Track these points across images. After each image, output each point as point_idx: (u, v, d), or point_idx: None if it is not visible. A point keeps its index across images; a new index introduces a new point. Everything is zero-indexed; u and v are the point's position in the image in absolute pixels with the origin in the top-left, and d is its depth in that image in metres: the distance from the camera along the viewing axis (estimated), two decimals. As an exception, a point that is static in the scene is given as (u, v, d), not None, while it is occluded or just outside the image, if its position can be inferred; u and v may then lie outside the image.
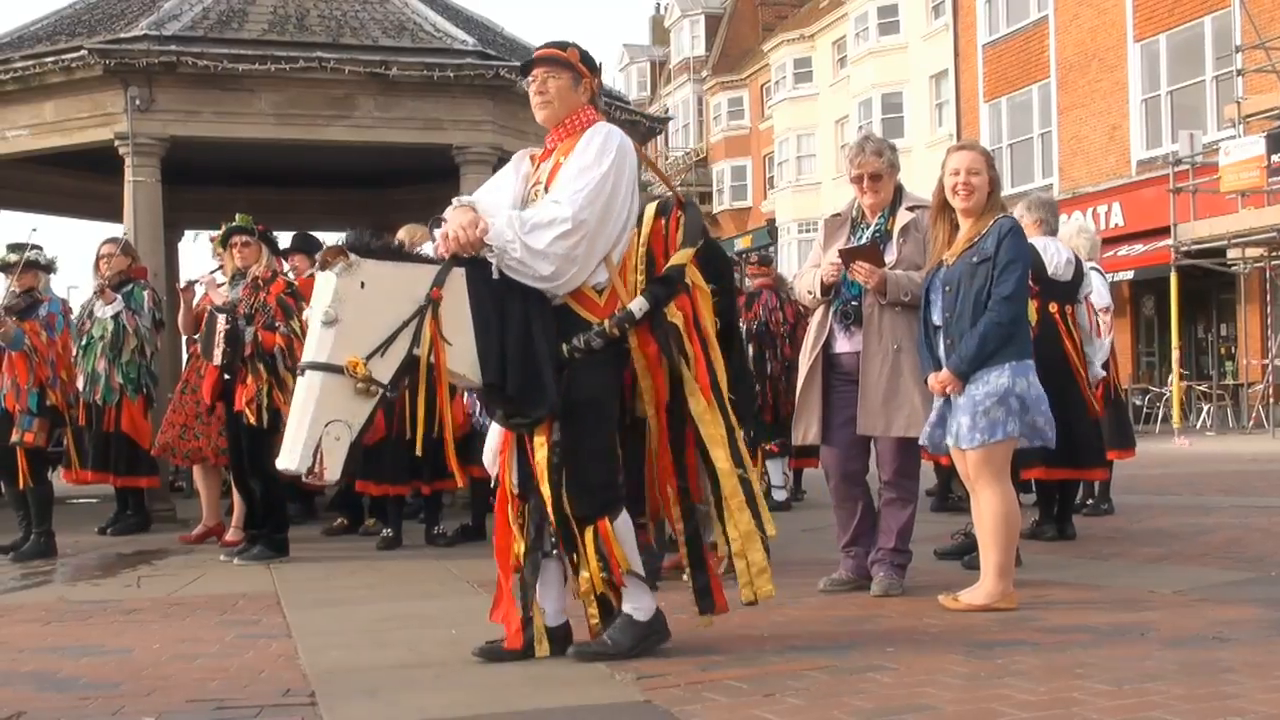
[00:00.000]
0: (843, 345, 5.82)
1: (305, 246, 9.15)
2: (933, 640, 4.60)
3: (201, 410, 8.20)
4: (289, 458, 3.91)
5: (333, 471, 3.94)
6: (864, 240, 5.84)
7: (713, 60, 48.06)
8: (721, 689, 3.86)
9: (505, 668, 4.16)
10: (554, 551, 4.36)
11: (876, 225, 5.87)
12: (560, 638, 4.38)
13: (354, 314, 3.99)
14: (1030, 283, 5.76)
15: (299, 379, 4.05)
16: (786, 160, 41.86)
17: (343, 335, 3.97)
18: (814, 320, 5.99)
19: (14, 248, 8.19)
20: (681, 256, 4.35)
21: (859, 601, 5.52)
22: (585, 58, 4.47)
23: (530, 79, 4.46)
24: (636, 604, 4.37)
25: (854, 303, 5.74)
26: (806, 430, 5.92)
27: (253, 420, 7.28)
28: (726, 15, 48.78)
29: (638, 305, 4.26)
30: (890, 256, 5.72)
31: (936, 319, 5.38)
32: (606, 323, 4.23)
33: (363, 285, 4.01)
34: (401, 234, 7.72)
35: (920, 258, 5.70)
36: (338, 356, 3.96)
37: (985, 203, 5.35)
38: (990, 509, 5.23)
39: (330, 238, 13.76)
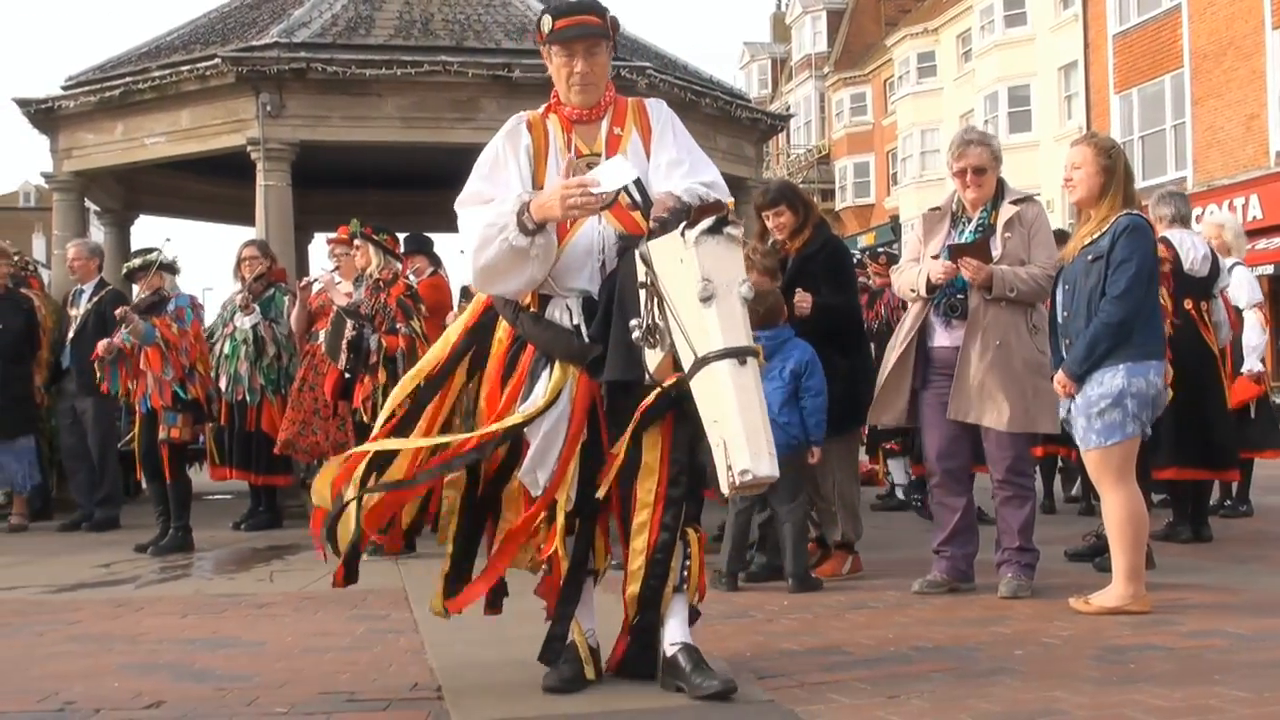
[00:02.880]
0: (941, 339, 5.75)
1: (421, 247, 9.28)
2: (1062, 643, 4.50)
3: (319, 406, 8.39)
4: (766, 463, 3.30)
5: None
6: (966, 235, 5.75)
7: (835, 56, 47.66)
8: (844, 689, 3.82)
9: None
10: (596, 571, 4.02)
11: (979, 220, 5.78)
12: (598, 659, 3.99)
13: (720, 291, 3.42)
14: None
15: (727, 369, 3.33)
16: (910, 156, 41.34)
17: (725, 313, 3.40)
18: (910, 311, 5.93)
19: (140, 253, 8.46)
20: None
21: (986, 602, 5.43)
22: (614, 20, 4.04)
23: (566, 52, 3.93)
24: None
25: (960, 297, 5.66)
26: (884, 413, 5.88)
27: (367, 418, 7.39)
28: (848, 11, 48.35)
29: None
30: (995, 251, 5.64)
31: (1058, 317, 5.29)
32: None
33: (681, 261, 3.45)
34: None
35: (1025, 252, 5.62)
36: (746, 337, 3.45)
37: (1097, 197, 5.24)
38: (1115, 511, 5.12)
39: (455, 239, 14.01)
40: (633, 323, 3.53)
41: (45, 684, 4.15)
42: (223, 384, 8.88)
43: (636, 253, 3.58)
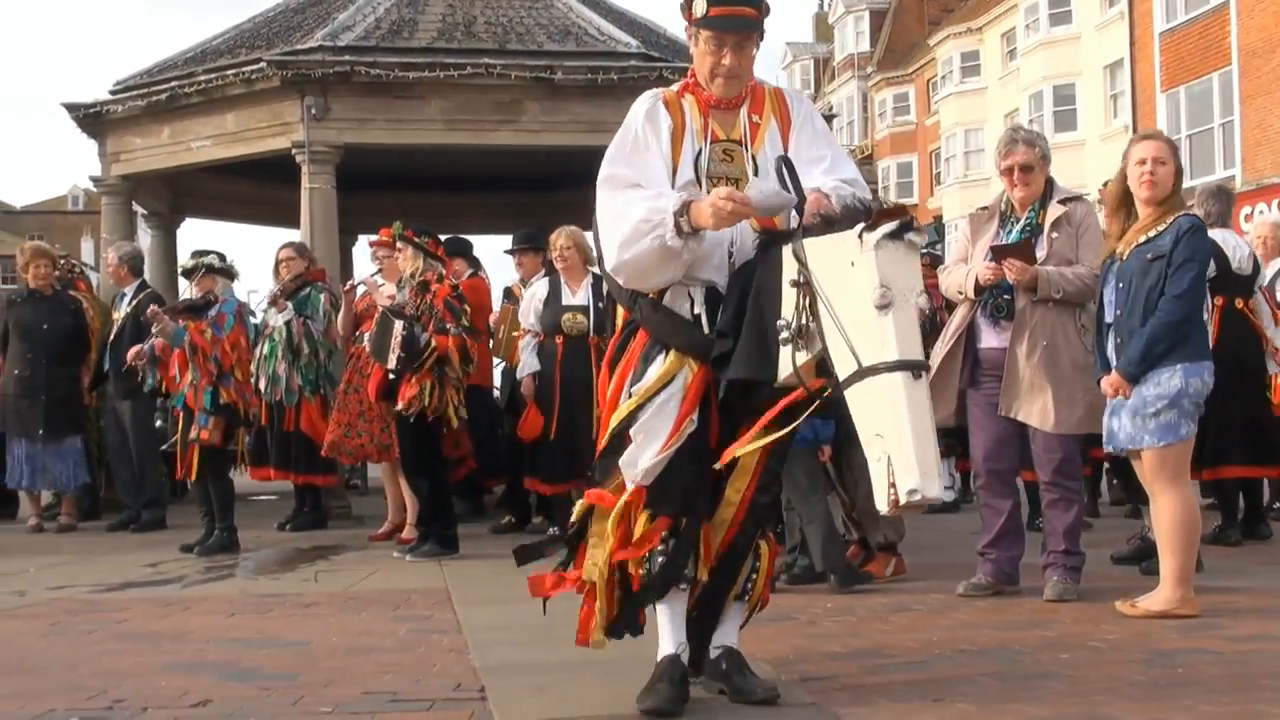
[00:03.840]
0: (989, 340, 5.71)
1: (460, 250, 9.32)
2: (1110, 647, 4.46)
3: (364, 408, 8.43)
4: (935, 484, 3.14)
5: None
6: (1014, 235, 5.71)
7: (877, 56, 47.49)
8: (888, 692, 3.80)
9: None
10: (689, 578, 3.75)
11: (1027, 219, 5.73)
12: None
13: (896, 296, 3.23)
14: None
15: (902, 382, 3.18)
16: (954, 156, 41.12)
17: (901, 323, 3.23)
18: (958, 312, 5.89)
19: (196, 254, 8.54)
20: None
21: (1031, 606, 5.39)
22: (767, 6, 3.77)
23: (716, 42, 3.65)
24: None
25: (1006, 297, 5.62)
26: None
27: (417, 414, 7.41)
28: (891, 10, 48.16)
29: None
30: (1041, 252, 5.59)
31: (1108, 315, 5.23)
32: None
33: (853, 264, 3.26)
34: None
35: (1072, 252, 5.57)
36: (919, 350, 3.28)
37: (1169, 194, 5.19)
38: (1168, 513, 5.07)
39: (497, 241, 14.06)
40: (780, 321, 3.37)
41: (94, 682, 4.20)
42: (262, 384, 8.94)
43: (788, 249, 3.41)
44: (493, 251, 20.70)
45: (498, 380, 9.88)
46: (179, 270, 9.18)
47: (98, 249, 19.63)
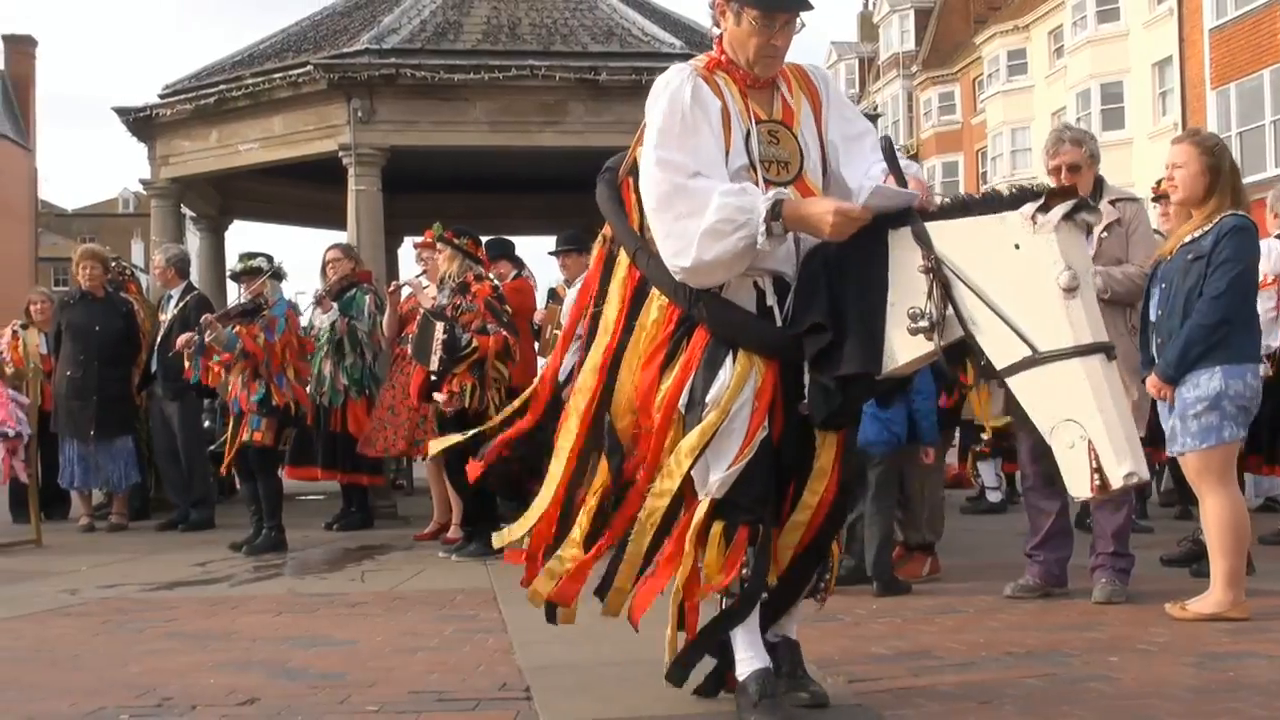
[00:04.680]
0: None
1: (503, 252, 9.35)
2: (1159, 650, 4.42)
3: (394, 403, 8.49)
4: (1144, 464, 3.04)
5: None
6: None
7: (923, 55, 47.23)
8: (935, 695, 3.78)
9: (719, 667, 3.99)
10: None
11: None
12: None
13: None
14: None
15: (1099, 365, 3.04)
16: (1000, 155, 40.82)
17: (1089, 304, 3.11)
18: None
19: (245, 257, 8.62)
20: None
21: (1080, 608, 5.35)
22: None
23: (766, 21, 3.43)
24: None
25: None
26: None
27: (458, 413, 7.45)
28: (936, 9, 47.89)
29: None
30: (1089, 251, 5.53)
31: (1152, 316, 5.19)
32: None
33: (1018, 247, 3.14)
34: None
35: (1122, 252, 5.52)
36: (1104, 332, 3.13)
37: (1202, 197, 5.13)
38: (1215, 515, 5.01)
39: (542, 242, 14.07)
40: (911, 309, 3.19)
41: (144, 679, 4.24)
42: (308, 385, 9.00)
43: (902, 234, 3.24)
44: (536, 252, 20.73)
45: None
46: (228, 273, 9.27)
47: (147, 251, 19.83)
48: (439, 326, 7.40)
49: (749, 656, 3.48)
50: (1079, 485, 3.03)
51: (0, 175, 47.11)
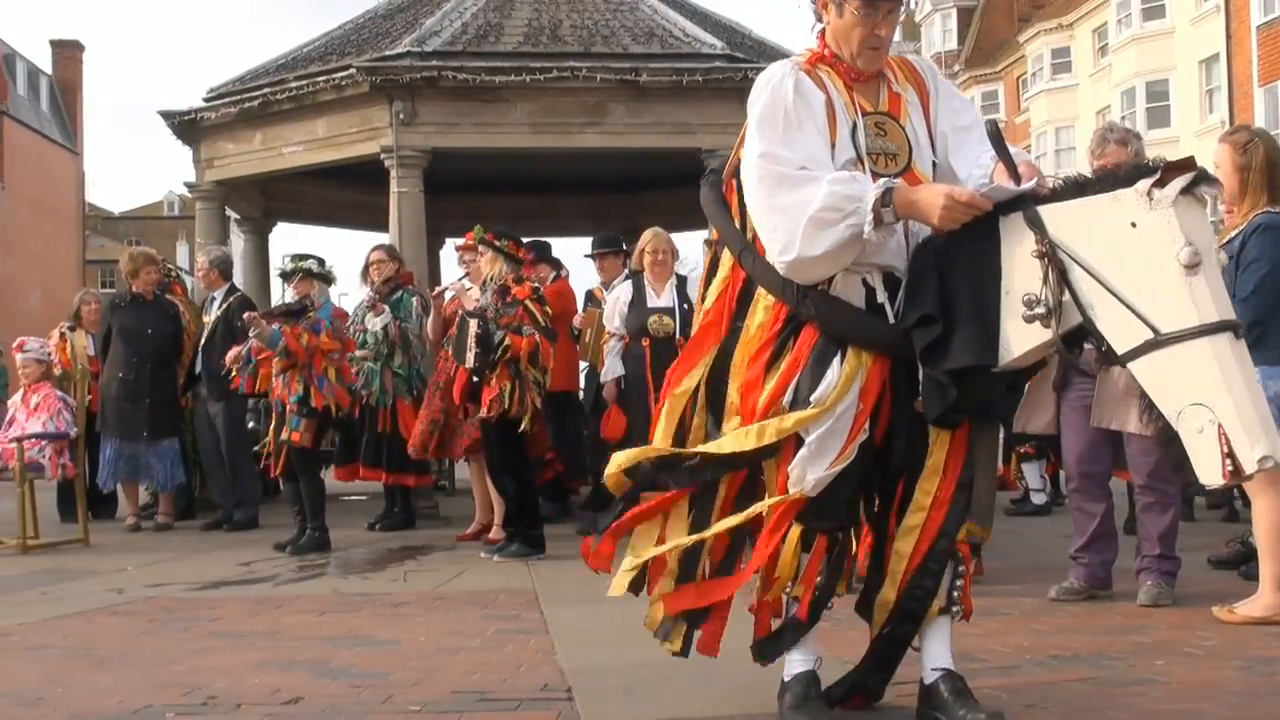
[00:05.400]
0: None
1: (542, 254, 9.37)
2: (1206, 654, 4.37)
3: (449, 405, 8.54)
4: (1275, 444, 2.83)
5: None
6: None
7: (965, 54, 46.97)
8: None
9: (761, 670, 3.83)
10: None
11: None
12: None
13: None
14: None
15: (1228, 344, 2.89)
16: (1044, 154, 40.51)
17: (1213, 282, 2.97)
18: None
19: (296, 258, 8.69)
20: None
21: (1125, 611, 5.30)
22: None
23: (870, 11, 3.34)
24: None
25: None
26: (1033, 418, 5.77)
27: (499, 415, 7.46)
28: (979, 7, 47.63)
29: None
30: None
31: None
32: None
33: (1134, 225, 3.00)
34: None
35: None
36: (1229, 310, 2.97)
37: (1236, 195, 5.07)
38: (1266, 516, 4.96)
39: (579, 243, 14.12)
40: (1027, 296, 3.06)
41: (189, 678, 4.28)
42: (357, 385, 9.06)
43: (1014, 219, 3.13)
44: (579, 253, 20.82)
45: (583, 383, 9.91)
46: (278, 273, 9.35)
47: (192, 254, 20.03)
48: (472, 323, 7.43)
49: (797, 658, 3.44)
50: (1210, 472, 2.87)
51: (48, 179, 47.64)
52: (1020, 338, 3.12)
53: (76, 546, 8.64)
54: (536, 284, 7.98)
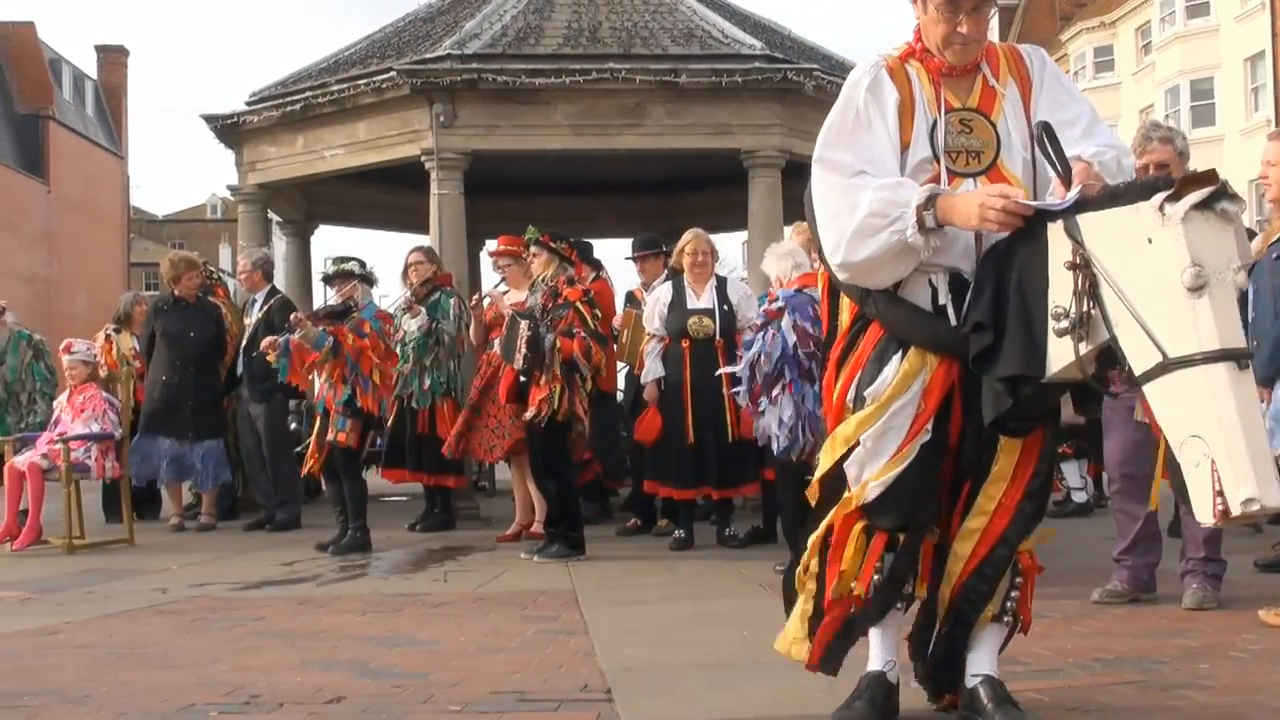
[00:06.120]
0: None
1: (583, 255, 9.38)
2: (1252, 658, 4.32)
3: (494, 410, 8.56)
4: (1276, 489, 2.69)
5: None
6: None
7: (1007, 53, 46.69)
8: (1022, 701, 3.71)
9: (801, 672, 3.76)
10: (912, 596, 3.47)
11: None
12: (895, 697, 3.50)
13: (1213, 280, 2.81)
14: None
15: (1226, 374, 2.74)
16: (1086, 153, 40.28)
17: (1220, 306, 2.80)
18: None
19: (338, 260, 8.74)
20: None
21: (1169, 614, 5.25)
22: None
23: (950, 9, 3.29)
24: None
25: None
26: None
27: (547, 417, 7.47)
28: (1021, 6, 47.32)
29: None
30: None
31: (1248, 317, 5.09)
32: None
33: (1151, 241, 2.86)
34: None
35: None
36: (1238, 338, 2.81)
37: None
38: (1315, 520, 4.90)
39: (617, 245, 14.08)
40: (1055, 309, 2.98)
41: (232, 677, 4.31)
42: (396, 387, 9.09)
43: (1056, 227, 3.02)
44: (617, 255, 20.81)
45: (621, 384, 9.92)
46: (321, 276, 9.41)
47: (234, 256, 20.18)
48: (523, 325, 7.43)
49: (871, 657, 3.45)
50: (1202, 509, 2.75)
51: (94, 182, 48.18)
52: (1057, 352, 3.03)
53: (122, 546, 8.72)
54: (586, 287, 7.98)
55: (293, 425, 10.99)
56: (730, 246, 30.17)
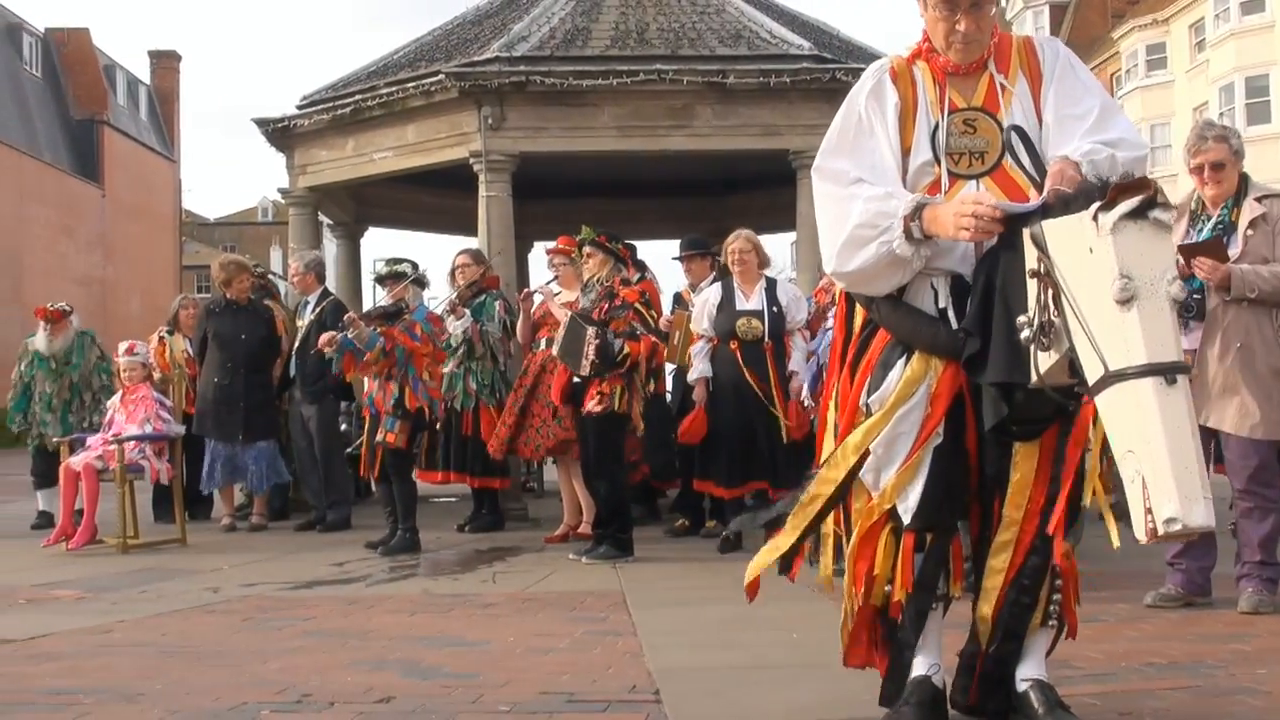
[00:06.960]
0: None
1: (631, 257, 9.37)
2: (1310, 663, 4.26)
3: (537, 406, 8.58)
4: (1200, 510, 2.61)
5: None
6: (1205, 234, 5.49)
7: (1057, 51, 46.32)
8: (1074, 706, 3.67)
9: (848, 675, 3.81)
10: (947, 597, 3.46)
11: (1219, 218, 5.51)
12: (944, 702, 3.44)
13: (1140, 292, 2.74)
14: None
15: (1151, 390, 2.67)
16: (1139, 151, 39.87)
17: (1149, 319, 2.72)
18: None
19: (391, 262, 8.79)
20: None
21: (1225, 618, 5.18)
22: None
23: (947, 7, 3.27)
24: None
25: (1196, 296, 5.40)
26: None
27: (602, 417, 7.48)
28: (1072, 4, 46.94)
29: None
30: (1234, 250, 5.36)
31: None
32: None
33: (1091, 251, 2.79)
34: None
35: (1269, 251, 5.33)
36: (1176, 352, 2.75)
37: None
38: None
39: (665, 246, 14.12)
40: (1020, 319, 2.94)
41: (283, 677, 4.34)
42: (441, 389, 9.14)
43: (1027, 233, 2.96)
44: (664, 256, 20.86)
45: (669, 385, 9.92)
46: (374, 277, 9.48)
47: (285, 259, 20.37)
48: (590, 331, 7.41)
49: (918, 660, 3.39)
50: (1137, 526, 2.68)
51: (147, 186, 48.78)
52: (1038, 360, 2.97)
53: (174, 546, 8.81)
54: (643, 289, 7.97)
55: (343, 426, 11.06)
56: (779, 247, 30.12)
